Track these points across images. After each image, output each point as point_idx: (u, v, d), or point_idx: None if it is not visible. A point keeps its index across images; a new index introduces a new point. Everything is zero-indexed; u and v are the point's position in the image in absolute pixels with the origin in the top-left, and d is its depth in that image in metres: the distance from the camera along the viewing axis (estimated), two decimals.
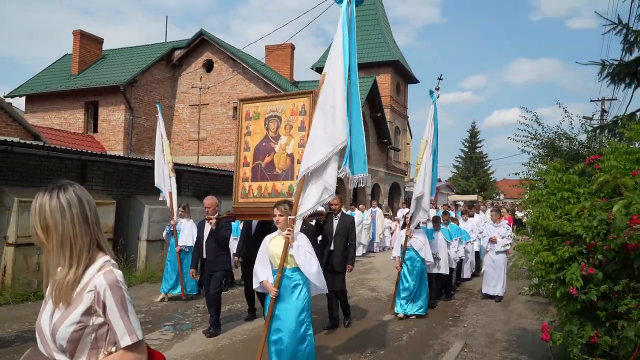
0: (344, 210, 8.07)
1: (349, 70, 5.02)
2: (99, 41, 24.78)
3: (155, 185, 10.07)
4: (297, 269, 4.85)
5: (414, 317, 8.34)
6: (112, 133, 21.68)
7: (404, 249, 8.47)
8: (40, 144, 11.53)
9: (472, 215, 14.27)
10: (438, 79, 9.42)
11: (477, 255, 13.13)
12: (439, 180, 51.48)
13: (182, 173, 14.12)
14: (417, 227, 8.64)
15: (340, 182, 25.21)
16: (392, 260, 8.98)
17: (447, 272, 9.63)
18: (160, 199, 10.11)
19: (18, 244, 8.91)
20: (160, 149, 10.17)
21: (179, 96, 24.55)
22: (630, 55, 8.87)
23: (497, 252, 10.15)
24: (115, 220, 10.87)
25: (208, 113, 23.84)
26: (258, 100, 7.32)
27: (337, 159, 4.89)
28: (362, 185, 5.24)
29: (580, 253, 4.52)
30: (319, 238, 7.62)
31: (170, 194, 9.71)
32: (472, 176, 55.93)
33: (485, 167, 57.64)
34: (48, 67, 25.72)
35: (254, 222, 7.91)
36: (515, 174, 10.85)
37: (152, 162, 12.47)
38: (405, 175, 35.88)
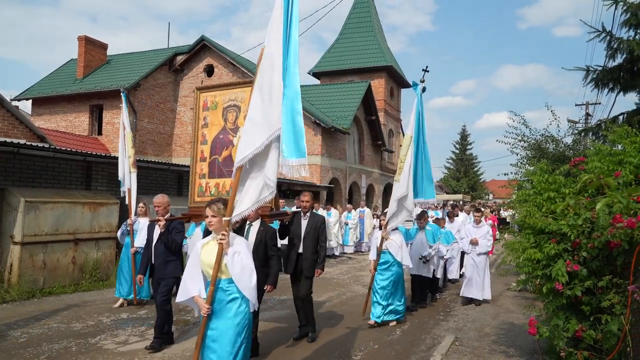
0: (314, 211, 7.25)
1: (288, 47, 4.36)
2: (103, 46, 25.10)
3: (119, 178, 9.54)
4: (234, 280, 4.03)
5: (393, 323, 7.77)
6: (116, 135, 21.82)
7: (380, 251, 7.84)
8: (46, 145, 11.69)
9: (457, 215, 13.79)
10: (423, 70, 8.47)
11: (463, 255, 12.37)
12: None
13: (183, 174, 14.31)
14: (395, 228, 7.98)
15: (335, 181, 24.81)
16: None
17: (430, 275, 9.18)
18: (122, 194, 9.58)
19: (24, 243, 9.06)
20: (123, 141, 9.49)
21: (181, 100, 24.87)
22: (614, 61, 9.18)
23: (479, 254, 9.63)
24: (119, 220, 11.00)
25: None
26: (216, 89, 6.60)
27: (278, 148, 4.13)
28: (304, 174, 4.48)
29: (565, 250, 4.69)
30: (284, 241, 6.98)
31: (129, 190, 9.08)
32: (463, 177, 56.48)
33: (475, 168, 58.37)
34: (54, 72, 25.93)
35: None
36: (504, 174, 11.16)
37: (154, 163, 12.64)
38: None
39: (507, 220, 24.47)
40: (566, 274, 4.51)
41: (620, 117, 9.67)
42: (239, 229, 5.78)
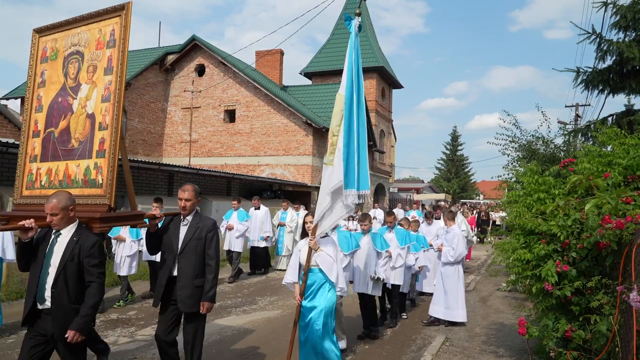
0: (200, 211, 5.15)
1: None
2: None
3: None
4: None
5: None
6: None
7: (307, 268, 5.16)
8: None
9: (437, 218, 11.23)
10: None
11: None
12: (421, 182, 51.94)
13: (174, 174, 14.24)
14: (325, 235, 5.31)
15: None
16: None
17: (379, 293, 7.29)
18: None
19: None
20: None
21: (172, 99, 24.85)
22: (604, 63, 9.26)
23: (444, 264, 7.89)
24: None
25: (200, 116, 24.10)
26: (59, 29, 4.67)
27: None
28: None
29: (555, 251, 4.72)
30: (155, 257, 4.97)
31: None
32: (454, 178, 56.72)
33: (466, 169, 58.60)
34: None
35: None
36: (498, 176, 11.14)
37: (144, 162, 12.55)
38: (390, 176, 36.62)
39: (498, 222, 24.53)
40: (556, 275, 4.54)
41: (610, 119, 9.77)
42: (42, 239, 3.85)
